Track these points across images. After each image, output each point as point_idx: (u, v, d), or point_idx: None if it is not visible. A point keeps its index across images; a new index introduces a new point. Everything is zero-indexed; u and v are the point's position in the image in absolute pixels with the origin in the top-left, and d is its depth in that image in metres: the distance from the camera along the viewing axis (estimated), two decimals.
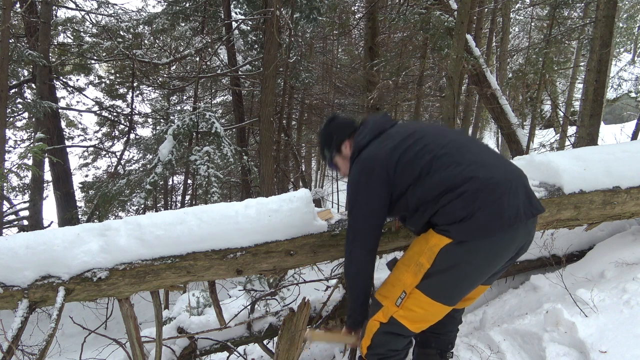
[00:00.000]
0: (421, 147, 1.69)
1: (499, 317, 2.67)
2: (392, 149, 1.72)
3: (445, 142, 1.70)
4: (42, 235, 2.14)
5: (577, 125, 6.43)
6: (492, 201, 1.56)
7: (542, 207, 1.69)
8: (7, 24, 6.14)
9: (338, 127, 2.01)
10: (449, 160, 1.64)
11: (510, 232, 1.59)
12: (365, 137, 1.84)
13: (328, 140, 2.01)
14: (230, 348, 2.78)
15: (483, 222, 1.56)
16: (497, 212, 1.56)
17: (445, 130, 1.86)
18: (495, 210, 1.56)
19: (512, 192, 1.60)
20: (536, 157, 2.66)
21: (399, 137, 1.76)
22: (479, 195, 1.56)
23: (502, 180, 1.61)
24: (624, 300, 2.17)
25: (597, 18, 5.42)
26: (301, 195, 2.19)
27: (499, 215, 1.56)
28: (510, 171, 1.69)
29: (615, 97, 19.00)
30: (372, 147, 1.78)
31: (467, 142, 1.76)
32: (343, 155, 1.98)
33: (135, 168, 12.18)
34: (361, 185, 1.74)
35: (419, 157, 1.67)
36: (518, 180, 1.68)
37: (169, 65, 12.74)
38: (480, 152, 1.72)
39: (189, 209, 2.21)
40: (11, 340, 1.97)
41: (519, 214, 1.59)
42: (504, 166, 1.69)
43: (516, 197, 1.61)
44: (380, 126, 1.86)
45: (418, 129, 1.79)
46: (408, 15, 7.12)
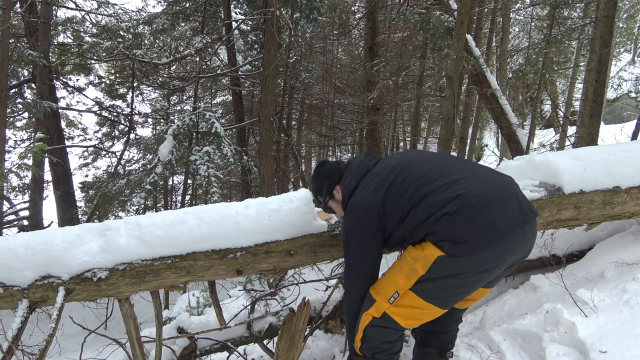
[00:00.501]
0: (403, 178, 1.74)
1: (499, 317, 2.67)
2: (375, 189, 1.77)
3: (427, 169, 1.73)
4: (42, 235, 2.14)
5: (577, 125, 6.44)
6: (478, 216, 1.57)
7: (534, 211, 1.69)
8: (7, 24, 6.14)
9: (327, 173, 2.04)
10: (432, 185, 1.67)
11: (503, 244, 1.59)
12: (351, 182, 1.89)
13: (320, 187, 2.05)
14: (230, 348, 2.78)
15: (472, 238, 1.57)
16: (487, 226, 1.57)
17: (428, 156, 1.90)
18: (484, 224, 1.57)
19: (501, 203, 1.60)
20: (536, 157, 2.66)
21: (382, 174, 1.80)
22: (463, 213, 1.57)
23: (487, 193, 1.61)
24: (624, 300, 2.17)
25: (597, 18, 5.43)
26: (301, 195, 2.19)
27: (489, 228, 1.57)
28: (497, 182, 1.69)
29: (615, 97, 19.01)
30: (359, 192, 1.84)
31: (450, 162, 1.81)
32: (336, 200, 2.02)
33: (135, 168, 12.19)
34: (354, 231, 1.79)
35: (403, 190, 1.71)
36: (506, 189, 1.68)
37: (169, 65, 12.74)
38: (465, 169, 1.73)
39: (189, 209, 2.21)
40: (11, 340, 1.97)
41: (510, 224, 1.59)
42: (490, 178, 1.70)
43: (506, 207, 1.61)
44: (364, 168, 1.90)
45: (400, 161, 1.82)
46: (408, 15, 7.12)
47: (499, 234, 1.57)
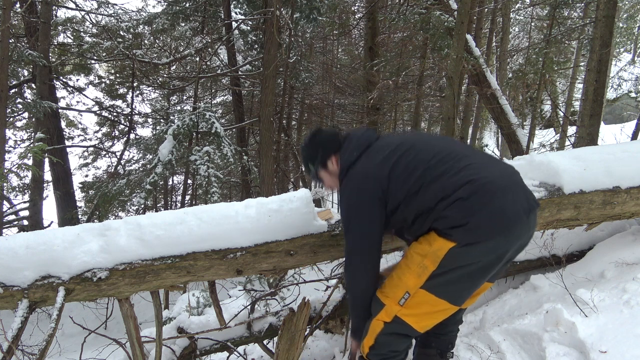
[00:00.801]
0: (411, 158, 1.68)
1: (499, 317, 2.67)
2: (381, 163, 1.71)
3: (436, 151, 1.69)
4: (42, 235, 2.14)
5: (577, 125, 6.44)
6: (491, 202, 1.56)
7: (537, 201, 1.70)
8: (7, 24, 6.14)
9: (324, 142, 1.96)
10: (442, 168, 1.63)
11: (512, 232, 1.59)
12: (352, 153, 1.82)
13: (313, 155, 1.97)
14: (230, 348, 2.78)
15: (485, 224, 1.55)
16: (498, 213, 1.56)
17: (433, 139, 1.86)
18: (495, 211, 1.56)
19: (510, 191, 1.60)
20: (536, 157, 2.66)
21: (387, 149, 1.74)
22: (476, 199, 1.55)
23: (497, 180, 1.60)
24: (624, 300, 2.17)
25: (597, 18, 5.43)
26: (301, 195, 2.19)
27: (500, 215, 1.56)
28: (503, 170, 1.69)
29: (615, 97, 19.01)
30: (361, 163, 1.77)
31: (457, 147, 1.76)
32: (329, 171, 1.95)
33: (135, 168, 12.19)
34: (355, 204, 1.73)
35: (411, 169, 1.66)
36: (513, 177, 1.68)
37: (169, 65, 12.75)
38: (472, 155, 1.71)
39: (189, 209, 2.21)
40: (11, 340, 1.97)
41: (519, 212, 1.59)
42: (497, 166, 1.69)
43: (514, 195, 1.61)
44: (366, 140, 1.84)
45: (405, 140, 1.78)
46: (408, 15, 7.13)
47: (508, 222, 1.57)
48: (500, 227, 1.56)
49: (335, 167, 1.92)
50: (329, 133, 2.01)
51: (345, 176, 1.80)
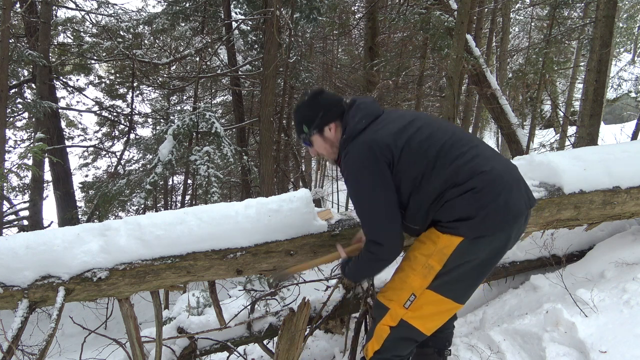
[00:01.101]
0: (425, 136, 1.60)
1: (499, 317, 2.67)
2: (396, 134, 1.59)
3: (449, 134, 1.63)
4: (42, 235, 2.14)
5: (577, 125, 6.44)
6: (499, 197, 1.55)
7: (535, 199, 1.72)
8: (7, 24, 6.14)
9: (326, 104, 1.78)
10: (456, 152, 1.58)
11: (514, 227, 1.61)
12: (361, 120, 1.68)
13: (311, 117, 1.79)
14: (230, 348, 2.78)
15: (495, 217, 1.54)
16: (503, 208, 1.55)
17: (444, 122, 1.81)
18: (501, 206, 1.55)
19: (515, 187, 1.61)
20: (536, 157, 2.66)
21: (400, 121, 1.65)
22: (487, 191, 1.54)
23: (505, 173, 1.60)
24: (624, 300, 2.17)
25: (597, 18, 5.42)
26: (301, 195, 2.19)
27: (509, 208, 1.56)
28: (507, 164, 1.69)
29: (615, 97, 19.00)
30: (370, 132, 1.64)
31: (466, 135, 1.74)
32: (324, 137, 1.80)
33: (135, 168, 12.19)
34: (367, 171, 1.59)
35: (424, 148, 1.58)
36: (515, 173, 1.68)
37: (169, 65, 12.75)
38: (480, 144, 1.69)
39: (189, 209, 2.21)
40: (11, 340, 1.97)
41: (521, 208, 1.60)
42: (501, 159, 1.69)
43: (518, 192, 1.61)
44: (375, 110, 1.73)
45: (417, 117, 1.70)
46: (408, 15, 7.13)
47: (512, 216, 1.57)
48: (503, 222, 1.57)
49: (333, 135, 1.79)
50: (332, 96, 1.84)
51: (351, 143, 1.66)
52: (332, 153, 1.83)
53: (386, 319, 1.70)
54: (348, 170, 1.65)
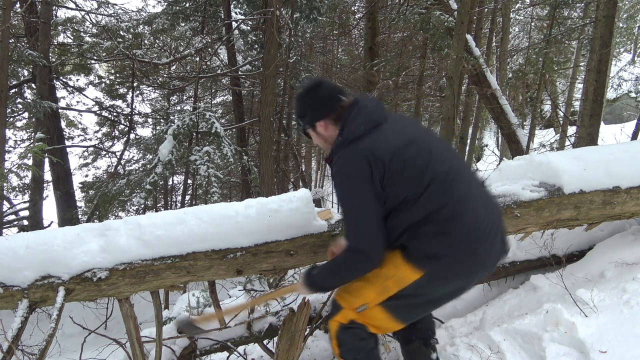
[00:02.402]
0: (422, 162, 1.54)
1: (499, 317, 2.67)
2: (394, 152, 1.53)
3: (446, 166, 1.57)
4: (42, 235, 2.14)
5: (577, 125, 6.44)
6: (473, 246, 1.57)
7: (508, 247, 1.73)
8: (7, 24, 6.14)
9: (321, 100, 1.70)
10: (446, 187, 1.54)
11: (481, 273, 1.67)
12: (360, 126, 1.59)
13: (303, 111, 1.73)
14: (230, 348, 2.78)
15: (461, 265, 1.58)
16: (476, 257, 1.58)
17: (444, 147, 1.70)
18: (474, 255, 1.58)
19: (493, 236, 1.61)
20: (536, 157, 2.66)
21: (401, 138, 1.57)
22: (463, 240, 1.54)
23: (486, 221, 1.59)
24: (624, 300, 2.17)
25: (597, 18, 5.43)
26: (301, 195, 2.19)
27: (477, 259, 1.60)
28: (492, 210, 1.67)
29: (615, 97, 19.00)
30: (368, 141, 1.56)
31: (462, 167, 1.68)
32: (317, 132, 1.74)
33: (135, 168, 12.18)
34: (359, 180, 1.54)
35: (417, 175, 1.53)
36: (498, 221, 1.67)
37: (169, 65, 12.75)
38: (472, 182, 1.65)
39: (189, 209, 2.21)
40: (11, 340, 1.97)
41: (491, 259, 1.65)
42: (488, 204, 1.67)
43: (495, 241, 1.63)
44: (377, 117, 1.63)
45: (419, 136, 1.62)
46: (408, 15, 7.13)
47: (479, 266, 1.63)
48: (468, 271, 1.62)
49: (324, 131, 1.71)
50: (330, 91, 1.71)
51: (345, 149, 1.59)
52: (326, 148, 1.77)
53: (338, 316, 1.76)
54: (340, 176, 1.60)
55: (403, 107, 12.31)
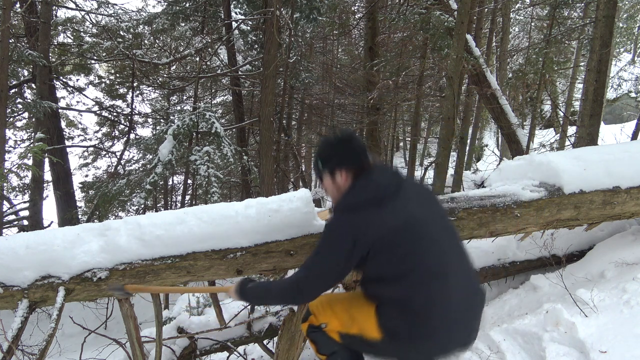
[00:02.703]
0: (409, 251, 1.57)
1: (499, 317, 2.68)
2: (386, 232, 1.56)
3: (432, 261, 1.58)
4: (42, 235, 2.14)
5: (577, 125, 6.44)
6: (438, 339, 1.60)
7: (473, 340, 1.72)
8: (7, 24, 6.14)
9: (348, 153, 1.76)
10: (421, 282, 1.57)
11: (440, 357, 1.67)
12: (362, 197, 1.63)
13: (329, 155, 1.78)
14: (230, 348, 2.78)
15: (414, 350, 1.62)
16: (431, 348, 1.62)
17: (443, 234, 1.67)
18: (432, 347, 1.61)
19: (462, 330, 1.63)
20: (536, 157, 2.66)
21: (396, 221, 1.58)
22: (432, 333, 1.57)
23: (455, 322, 1.60)
24: (624, 300, 2.17)
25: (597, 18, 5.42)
26: (301, 195, 2.19)
27: (440, 348, 1.62)
28: (472, 304, 1.66)
29: (615, 97, 19.01)
30: (364, 215, 1.59)
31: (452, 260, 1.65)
32: (334, 180, 1.78)
33: (135, 168, 12.17)
34: (338, 239, 1.61)
35: (399, 262, 1.57)
36: (475, 312, 1.67)
37: (169, 65, 12.75)
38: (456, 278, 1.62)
39: (189, 209, 2.21)
40: (11, 340, 1.97)
41: (454, 351, 1.66)
42: (470, 297, 1.65)
43: (464, 333, 1.64)
44: (383, 193, 1.62)
45: (419, 220, 1.61)
46: (408, 15, 7.13)
47: (445, 353, 1.65)
48: (434, 356, 1.65)
49: (342, 181, 1.75)
50: (358, 147, 1.77)
51: (344, 210, 1.65)
52: (335, 196, 1.81)
53: (309, 320, 1.86)
54: (327, 231, 1.68)
55: (403, 107, 12.32)
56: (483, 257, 3.12)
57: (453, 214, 2.35)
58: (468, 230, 2.40)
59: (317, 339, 1.83)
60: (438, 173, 4.76)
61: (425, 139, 17.70)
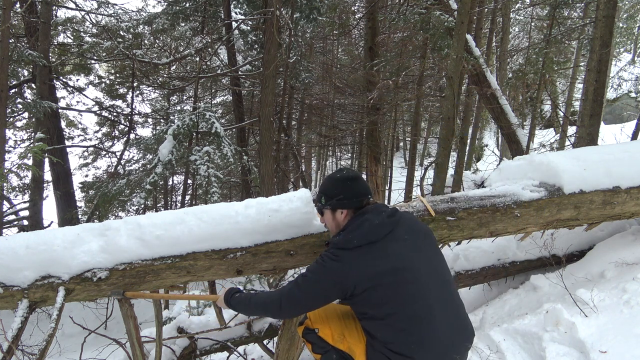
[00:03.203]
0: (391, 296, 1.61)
1: (499, 317, 2.68)
2: (369, 278, 1.61)
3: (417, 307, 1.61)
4: (42, 235, 2.14)
5: (577, 125, 6.43)
6: None
7: None
8: (7, 24, 6.14)
9: (351, 193, 1.82)
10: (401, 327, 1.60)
11: None
12: (353, 240, 1.69)
13: (332, 194, 1.85)
14: (230, 348, 2.78)
15: None
16: None
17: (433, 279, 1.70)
18: None
19: None
20: (536, 157, 2.66)
21: (384, 266, 1.63)
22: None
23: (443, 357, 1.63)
24: (624, 300, 2.17)
25: (597, 18, 5.42)
26: (301, 195, 2.19)
27: None
28: (458, 346, 1.68)
29: (615, 97, 19.01)
30: (352, 257, 1.65)
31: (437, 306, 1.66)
32: (334, 217, 1.87)
33: (135, 168, 12.18)
34: (322, 276, 1.68)
35: (381, 305, 1.62)
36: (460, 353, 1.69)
37: (169, 65, 12.75)
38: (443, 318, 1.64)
39: (189, 209, 2.21)
40: (11, 340, 1.97)
41: None
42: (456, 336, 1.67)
43: None
44: (375, 235, 1.69)
45: (407, 266, 1.65)
46: (408, 15, 7.12)
47: None
48: None
49: (342, 219, 1.84)
50: (361, 188, 1.86)
51: (335, 250, 1.70)
52: (334, 231, 1.89)
53: (305, 323, 1.91)
54: (316, 265, 1.73)
55: (403, 107, 12.32)
56: (483, 257, 3.11)
57: (453, 214, 2.35)
58: (468, 230, 2.40)
59: (312, 339, 1.88)
60: (438, 173, 4.76)
61: (425, 139, 17.71)
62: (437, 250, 1.84)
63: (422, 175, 8.21)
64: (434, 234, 2.36)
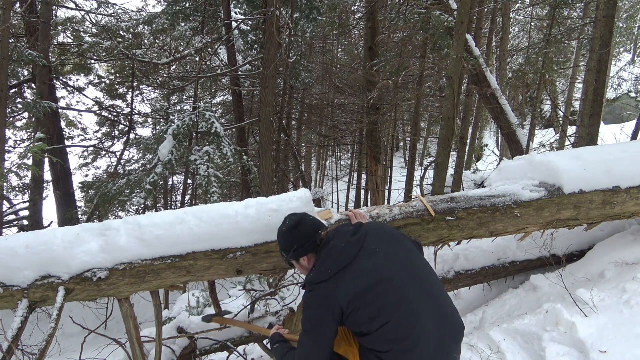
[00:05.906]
0: (376, 309, 1.63)
1: (499, 317, 2.68)
2: (354, 297, 1.64)
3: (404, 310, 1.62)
4: (42, 235, 2.14)
5: (577, 125, 6.44)
6: None
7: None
8: (7, 24, 6.14)
9: (301, 239, 1.86)
10: (393, 336, 1.61)
11: None
12: (327, 271, 1.71)
13: (287, 247, 1.89)
14: (230, 348, 2.78)
15: None
16: None
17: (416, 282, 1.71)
18: None
19: None
20: (536, 157, 2.66)
21: (364, 282, 1.65)
22: None
23: None
24: (624, 300, 2.17)
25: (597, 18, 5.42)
26: (301, 195, 2.19)
27: None
28: (447, 340, 1.67)
29: (615, 97, 19.02)
30: (331, 286, 1.68)
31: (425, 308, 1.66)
32: (300, 264, 1.91)
33: (135, 168, 12.19)
34: (317, 317, 1.71)
35: (370, 320, 1.63)
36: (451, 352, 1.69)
37: (169, 65, 12.75)
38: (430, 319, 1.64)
39: (189, 209, 2.21)
40: (11, 340, 1.97)
41: None
42: (446, 335, 1.67)
43: None
44: (344, 260, 1.71)
45: (387, 276, 1.66)
46: (408, 15, 7.13)
47: None
48: None
49: (307, 264, 1.88)
50: (309, 229, 1.89)
51: (312, 287, 1.73)
52: (307, 274, 1.90)
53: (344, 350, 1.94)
54: (305, 307, 1.77)
55: (403, 107, 12.32)
56: (483, 257, 3.12)
57: (453, 213, 2.35)
58: (468, 230, 2.40)
59: None
60: (438, 173, 4.76)
61: (425, 139, 17.71)
62: (411, 252, 1.82)
63: (422, 175, 8.21)
64: (434, 233, 2.37)
